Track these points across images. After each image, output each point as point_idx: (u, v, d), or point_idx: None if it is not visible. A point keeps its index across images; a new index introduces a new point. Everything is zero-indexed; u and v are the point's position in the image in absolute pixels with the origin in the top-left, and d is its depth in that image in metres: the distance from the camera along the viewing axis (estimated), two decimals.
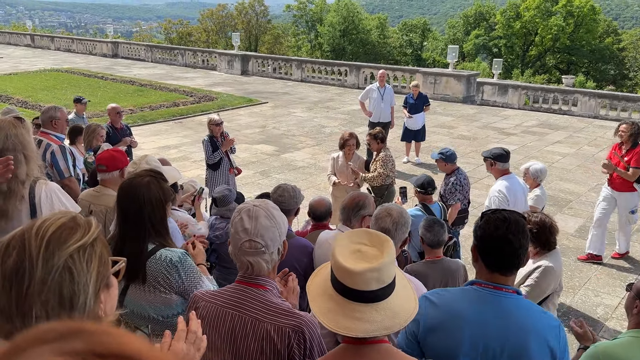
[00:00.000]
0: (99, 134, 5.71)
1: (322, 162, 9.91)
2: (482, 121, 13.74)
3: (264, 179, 8.93)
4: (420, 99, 9.88)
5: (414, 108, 9.84)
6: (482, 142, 11.52)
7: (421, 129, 9.96)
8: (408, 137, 9.96)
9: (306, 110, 14.90)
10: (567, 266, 5.85)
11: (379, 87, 9.48)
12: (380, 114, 9.48)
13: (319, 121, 13.48)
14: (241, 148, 10.45)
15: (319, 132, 12.31)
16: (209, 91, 17.20)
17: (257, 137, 11.82)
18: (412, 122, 9.83)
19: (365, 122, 11.06)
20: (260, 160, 10.04)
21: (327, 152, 10.60)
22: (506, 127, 13.14)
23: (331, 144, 11.23)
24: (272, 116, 14.03)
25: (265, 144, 11.24)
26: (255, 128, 12.65)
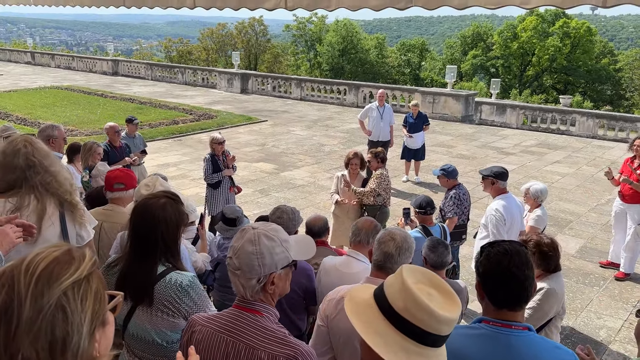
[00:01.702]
0: (96, 151, 5.69)
1: (322, 181, 9.91)
2: (480, 140, 13.82)
3: (263, 197, 8.92)
4: (419, 118, 9.94)
5: (414, 127, 9.89)
6: (481, 161, 11.56)
7: (421, 148, 9.99)
8: (408, 156, 9.99)
9: (305, 128, 14.96)
10: (569, 288, 5.84)
11: (378, 106, 9.53)
12: (379, 132, 9.52)
13: (318, 139, 13.52)
14: (241, 166, 10.45)
15: (318, 151, 12.33)
16: (208, 109, 17.30)
17: (257, 155, 11.84)
18: (411, 141, 9.87)
19: (365, 140, 11.13)
20: (260, 178, 10.03)
21: (326, 171, 10.59)
22: (505, 147, 13.23)
23: (330, 162, 11.25)
24: (271, 134, 14.08)
25: (265, 162, 11.25)
26: (255, 146, 12.68)
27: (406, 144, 9.99)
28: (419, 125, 9.92)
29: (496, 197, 4.57)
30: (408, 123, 9.95)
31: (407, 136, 9.86)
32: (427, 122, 10.05)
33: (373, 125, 9.54)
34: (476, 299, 1.82)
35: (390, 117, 9.63)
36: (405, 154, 10.04)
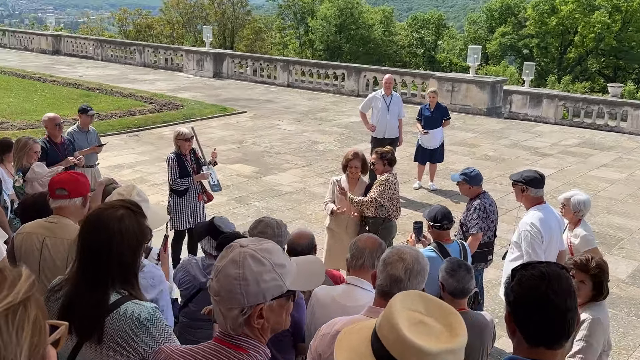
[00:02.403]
0: (32, 149, 5.60)
1: (314, 187, 9.96)
2: (510, 138, 13.92)
3: (240, 207, 8.94)
4: (438, 110, 9.95)
5: (431, 122, 9.89)
6: (511, 164, 11.65)
7: (438, 148, 10.01)
8: (422, 158, 10.03)
9: (294, 122, 14.99)
10: (618, 321, 5.86)
11: (384, 95, 9.58)
12: (385, 127, 9.56)
13: (310, 136, 13.56)
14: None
15: (310, 150, 12.38)
16: (173, 97, 17.35)
17: (233, 155, 11.87)
18: (427, 139, 9.91)
19: (367, 137, 11.16)
20: (237, 183, 10.06)
21: (319, 175, 10.66)
22: (540, 146, 13.34)
23: (325, 165, 11.31)
24: (251, 129, 14.10)
25: (243, 163, 11.27)
26: (231, 144, 12.71)
27: (420, 143, 10.02)
28: (436, 119, 9.92)
29: (530, 208, 4.56)
30: (423, 116, 9.96)
31: (422, 133, 9.89)
32: (447, 116, 10.08)
33: (378, 119, 9.58)
34: (505, 334, 1.77)
35: (399, 109, 9.68)
36: (419, 155, 10.07)
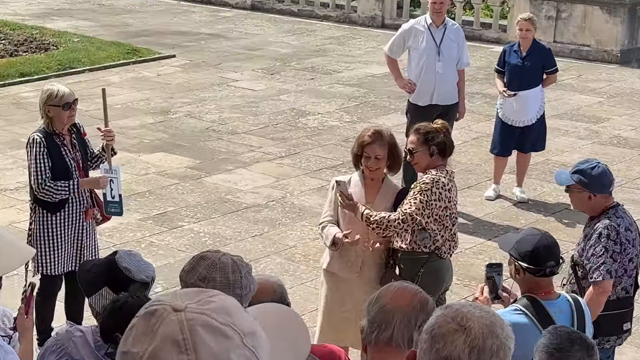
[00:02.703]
0: None
1: (301, 197, 10.04)
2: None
3: (165, 232, 9.03)
4: (535, 54, 9.96)
5: (522, 76, 9.87)
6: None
7: (536, 125, 10.07)
8: (505, 144, 10.07)
9: (263, 75, 15.04)
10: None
11: (430, 26, 9.61)
12: (434, 86, 9.59)
13: (294, 101, 13.66)
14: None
15: (293, 127, 12.48)
16: (38, 29, 17.38)
17: (149, 135, 11.94)
18: (515, 108, 9.90)
19: (400, 104, 11.08)
20: (158, 189, 10.15)
21: (310, 173, 10.72)
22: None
23: (321, 154, 11.38)
24: (184, 88, 14.16)
25: (169, 151, 11.35)
26: (145, 115, 12.79)
27: (502, 115, 10.00)
28: (532, 72, 10.00)
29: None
30: (508, 66, 10.02)
31: (505, 96, 9.86)
32: (551, 66, 10.06)
33: (420, 70, 9.63)
34: None
35: (460, 51, 9.73)
36: (499, 139, 10.13)
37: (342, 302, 6.10)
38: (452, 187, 6.11)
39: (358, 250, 6.05)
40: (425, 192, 5.94)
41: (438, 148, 6.08)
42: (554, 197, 9.95)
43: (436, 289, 5.94)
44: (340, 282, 6.14)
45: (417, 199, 5.92)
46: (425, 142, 6.07)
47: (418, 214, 5.88)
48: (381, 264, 6.10)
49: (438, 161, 6.09)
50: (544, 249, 4.53)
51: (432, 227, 5.96)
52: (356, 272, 6.06)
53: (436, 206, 5.96)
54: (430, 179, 6.00)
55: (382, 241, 6.03)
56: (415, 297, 3.08)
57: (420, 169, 6.23)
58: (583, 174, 5.34)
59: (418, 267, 5.95)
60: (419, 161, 6.13)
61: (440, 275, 6.10)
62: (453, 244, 6.17)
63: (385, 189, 6.18)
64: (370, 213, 5.90)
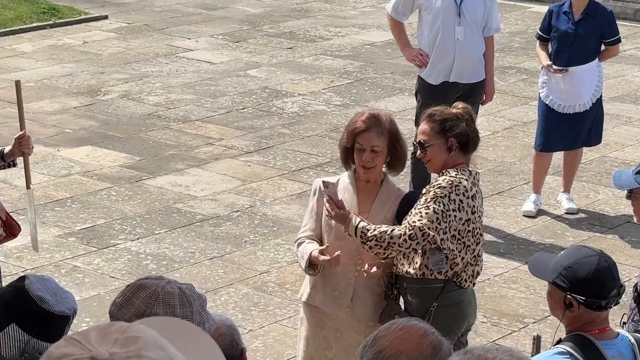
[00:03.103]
0: None
1: (275, 205, 10.04)
2: None
3: (92, 254, 8.98)
4: (593, 17, 10.02)
5: (573, 47, 10.02)
6: None
7: (591, 112, 10.14)
8: (551, 137, 10.11)
9: (225, 43, 15.09)
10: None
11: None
12: (453, 58, 9.61)
13: (266, 78, 13.68)
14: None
15: (265, 112, 12.50)
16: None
17: (72, 123, 11.95)
18: (564, 89, 9.92)
19: (405, 82, 11.08)
20: (83, 195, 10.12)
21: (287, 174, 10.72)
22: None
23: (301, 148, 11.40)
24: (118, 60, 14.17)
25: (98, 145, 11.34)
26: (67, 96, 12.78)
27: (544, 97, 9.95)
28: (589, 42, 10.08)
29: None
30: (558, 33, 10.07)
31: (552, 71, 9.80)
32: (613, 35, 10.07)
33: (435, 37, 9.71)
34: None
35: (488, 12, 9.73)
36: (543, 130, 10.19)
37: (328, 345, 6.05)
38: (477, 194, 6.06)
39: (348, 277, 6.01)
40: (441, 199, 5.87)
41: (458, 141, 6.02)
42: (613, 207, 9.94)
43: (454, 328, 5.93)
44: (325, 318, 6.08)
45: (431, 209, 5.84)
46: (442, 132, 6.01)
47: (431, 229, 5.80)
48: (380, 294, 6.03)
49: (458, 158, 6.04)
50: (607, 275, 4.49)
51: (450, 247, 5.89)
52: (346, 306, 6.00)
53: (455, 218, 5.90)
54: (447, 182, 5.93)
55: (381, 264, 5.98)
56: (425, 340, 3.07)
57: (434, 169, 6.17)
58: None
59: (430, 300, 5.90)
60: (433, 158, 6.07)
61: (460, 310, 6.06)
62: (477, 268, 6.12)
63: (385, 194, 6.13)
64: (366, 226, 5.83)
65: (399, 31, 9.96)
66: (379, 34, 14.89)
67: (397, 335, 3.10)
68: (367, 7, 16.85)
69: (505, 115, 11.44)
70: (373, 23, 15.69)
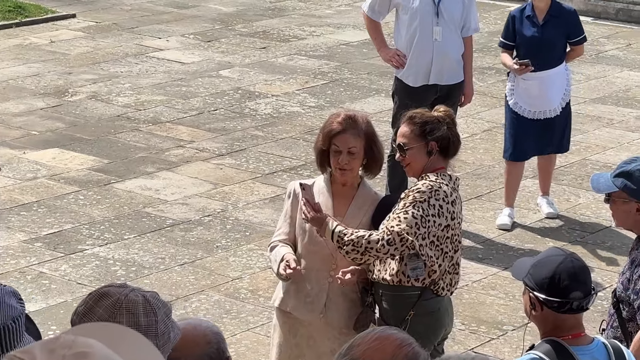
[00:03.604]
0: None
1: (248, 209, 10.03)
2: None
3: (59, 260, 8.93)
4: (557, 19, 10.03)
5: (540, 52, 10.02)
6: None
7: (560, 118, 10.11)
8: (521, 145, 10.09)
9: (197, 42, 15.10)
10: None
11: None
12: (431, 59, 9.63)
13: (238, 78, 13.69)
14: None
15: (237, 114, 12.50)
16: None
17: (38, 125, 11.90)
18: (533, 95, 9.99)
19: (382, 82, 11.06)
20: (49, 199, 10.07)
21: (259, 178, 10.72)
22: None
23: (276, 151, 11.38)
24: (86, 60, 14.15)
25: (65, 147, 11.30)
26: (33, 96, 12.73)
27: (513, 105, 9.93)
28: (556, 45, 10.10)
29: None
30: (523, 39, 10.03)
31: (517, 67, 9.75)
32: (578, 34, 10.18)
33: (412, 37, 9.70)
34: None
35: (467, 12, 9.75)
36: (515, 139, 10.14)
37: (301, 353, 6.06)
38: (457, 199, 6.06)
39: (322, 283, 6.01)
40: (421, 204, 5.86)
41: (439, 145, 6.01)
42: (594, 211, 9.97)
43: (431, 337, 5.91)
44: (298, 325, 6.08)
45: (410, 214, 5.83)
46: (422, 135, 6.00)
47: (410, 234, 5.79)
48: (354, 301, 6.02)
49: (438, 163, 6.04)
50: (568, 275, 4.46)
51: (428, 253, 5.88)
52: (319, 312, 5.99)
53: (434, 224, 5.88)
54: (427, 187, 5.92)
55: (356, 271, 5.95)
56: (400, 351, 3.02)
57: (413, 172, 6.15)
58: (630, 178, 5.26)
59: (407, 308, 5.89)
60: (413, 161, 6.06)
61: (437, 319, 6.04)
62: (455, 277, 6.11)
63: (361, 197, 6.12)
64: (343, 230, 5.81)
65: (375, 31, 9.95)
66: (355, 34, 14.92)
67: (371, 346, 3.06)
68: (343, 6, 16.88)
69: (484, 117, 11.44)
70: (349, 22, 15.71)
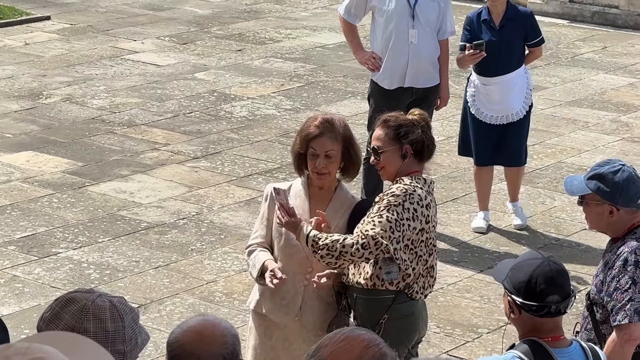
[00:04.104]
0: None
1: (224, 212, 10.03)
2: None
3: (33, 263, 8.91)
4: (514, 22, 9.99)
5: (499, 55, 9.89)
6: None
7: (524, 121, 10.11)
8: (488, 152, 10.08)
9: (172, 45, 15.08)
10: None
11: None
12: (406, 62, 9.65)
13: (214, 81, 13.68)
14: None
15: (213, 117, 12.49)
16: None
17: (12, 127, 11.87)
18: (493, 100, 9.96)
19: (357, 85, 11.08)
20: (22, 202, 10.05)
21: (236, 181, 10.71)
22: None
23: (251, 154, 11.38)
24: (60, 62, 14.11)
25: (39, 150, 11.27)
26: (7, 99, 12.70)
27: (477, 114, 9.97)
28: (515, 48, 10.07)
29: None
30: (478, 40, 9.84)
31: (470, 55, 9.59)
32: (536, 36, 10.15)
33: (388, 39, 9.71)
34: None
35: (443, 15, 9.75)
36: (477, 145, 10.11)
37: (276, 355, 6.05)
38: (431, 203, 6.05)
39: (297, 286, 6.00)
40: (395, 207, 5.85)
41: (413, 148, 6.01)
42: (569, 214, 10.00)
43: (404, 341, 5.93)
44: (273, 327, 6.08)
45: (384, 217, 5.82)
46: (396, 138, 5.99)
47: (384, 237, 5.78)
48: (330, 304, 6.03)
49: (413, 166, 6.02)
50: (545, 279, 4.48)
51: (402, 257, 5.88)
52: (294, 315, 5.99)
53: (409, 228, 5.88)
54: (401, 190, 5.91)
55: (332, 274, 5.96)
56: (367, 352, 2.98)
57: (387, 176, 6.14)
58: (602, 180, 5.30)
59: (381, 311, 5.90)
60: (387, 165, 6.05)
61: (411, 323, 6.03)
62: (429, 280, 6.10)
63: (338, 201, 6.12)
64: (317, 235, 5.80)
65: (351, 33, 9.96)
66: (331, 36, 14.94)
67: (338, 346, 3.04)
68: (319, 8, 16.89)
69: (460, 120, 11.43)
70: (325, 25, 15.73)
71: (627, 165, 5.47)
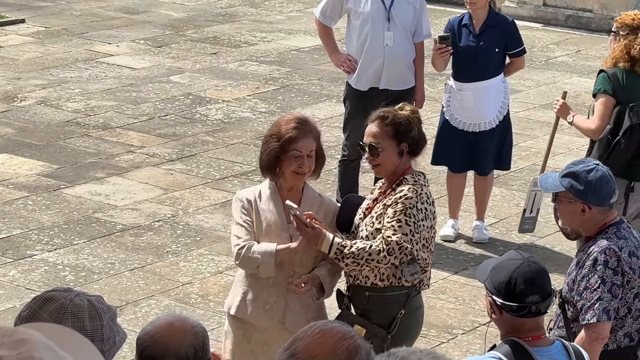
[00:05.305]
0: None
1: (199, 216, 10.03)
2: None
3: (8, 265, 8.91)
4: (494, 29, 9.97)
5: (477, 62, 9.95)
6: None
7: (498, 131, 10.08)
8: (458, 159, 10.13)
9: (147, 48, 15.07)
10: None
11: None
12: (382, 64, 9.68)
13: (189, 84, 13.67)
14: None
15: (188, 119, 12.49)
16: None
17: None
18: (467, 107, 9.97)
19: (333, 88, 11.10)
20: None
21: (211, 183, 10.71)
22: None
23: (228, 157, 11.40)
24: (35, 65, 14.08)
25: (14, 152, 11.25)
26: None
27: (448, 116, 10.03)
28: (493, 56, 10.02)
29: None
30: (459, 49, 9.93)
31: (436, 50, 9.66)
32: (517, 46, 10.11)
33: (363, 42, 9.71)
34: None
35: (418, 18, 9.78)
36: (448, 149, 10.17)
37: (255, 358, 6.06)
38: (430, 198, 6.12)
39: (279, 290, 6.00)
40: (411, 210, 5.89)
41: (409, 142, 6.04)
42: (543, 215, 9.94)
43: (418, 331, 6.05)
44: (252, 330, 6.06)
45: (403, 221, 5.86)
46: (396, 136, 6.01)
47: (407, 241, 5.83)
48: (310, 305, 6.04)
49: (407, 162, 6.07)
50: (524, 279, 4.51)
51: (422, 256, 5.96)
52: (278, 320, 6.02)
53: (425, 227, 5.95)
54: (413, 192, 5.93)
55: (310, 279, 5.97)
56: (341, 344, 3.01)
57: (384, 173, 6.18)
58: (576, 179, 5.33)
59: (398, 307, 5.94)
60: (384, 162, 6.06)
61: (422, 313, 6.15)
62: (427, 272, 6.20)
63: (308, 200, 6.12)
64: (342, 243, 5.84)
65: (327, 36, 10.00)
66: (306, 39, 14.97)
67: (312, 340, 3.07)
68: (294, 11, 16.87)
69: (434, 122, 11.41)
70: (300, 28, 15.74)
71: (601, 165, 5.52)
